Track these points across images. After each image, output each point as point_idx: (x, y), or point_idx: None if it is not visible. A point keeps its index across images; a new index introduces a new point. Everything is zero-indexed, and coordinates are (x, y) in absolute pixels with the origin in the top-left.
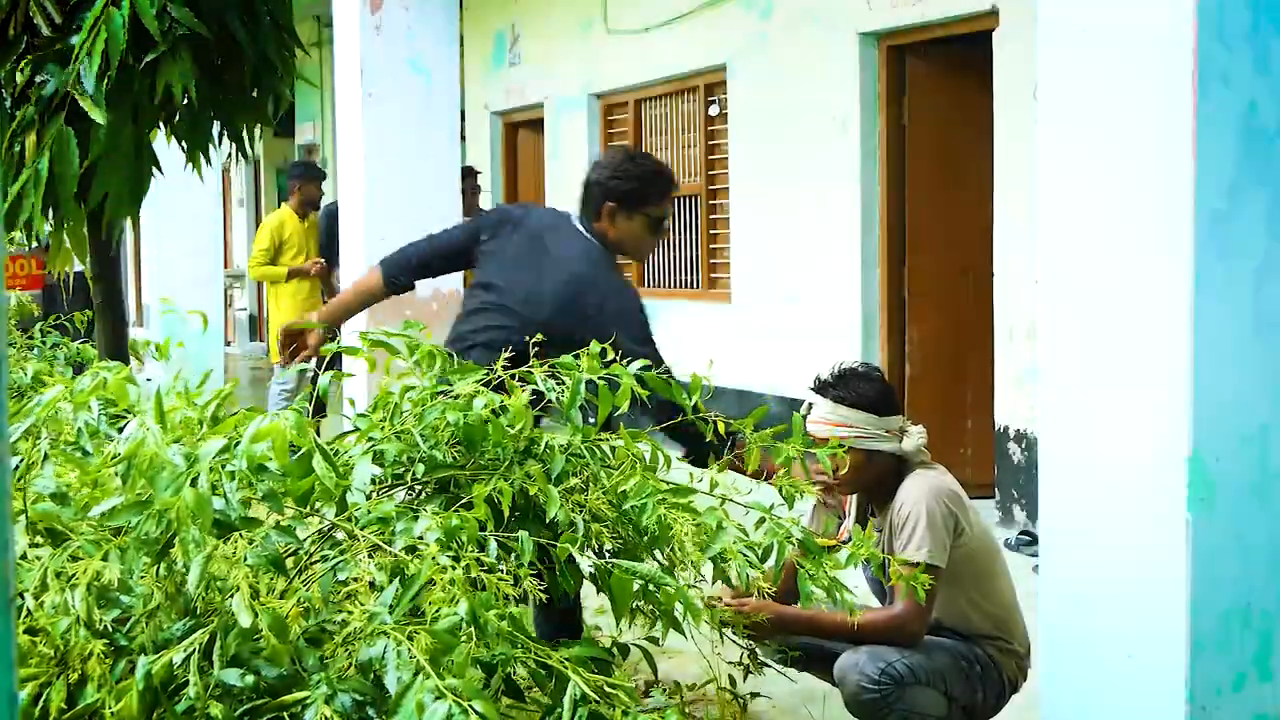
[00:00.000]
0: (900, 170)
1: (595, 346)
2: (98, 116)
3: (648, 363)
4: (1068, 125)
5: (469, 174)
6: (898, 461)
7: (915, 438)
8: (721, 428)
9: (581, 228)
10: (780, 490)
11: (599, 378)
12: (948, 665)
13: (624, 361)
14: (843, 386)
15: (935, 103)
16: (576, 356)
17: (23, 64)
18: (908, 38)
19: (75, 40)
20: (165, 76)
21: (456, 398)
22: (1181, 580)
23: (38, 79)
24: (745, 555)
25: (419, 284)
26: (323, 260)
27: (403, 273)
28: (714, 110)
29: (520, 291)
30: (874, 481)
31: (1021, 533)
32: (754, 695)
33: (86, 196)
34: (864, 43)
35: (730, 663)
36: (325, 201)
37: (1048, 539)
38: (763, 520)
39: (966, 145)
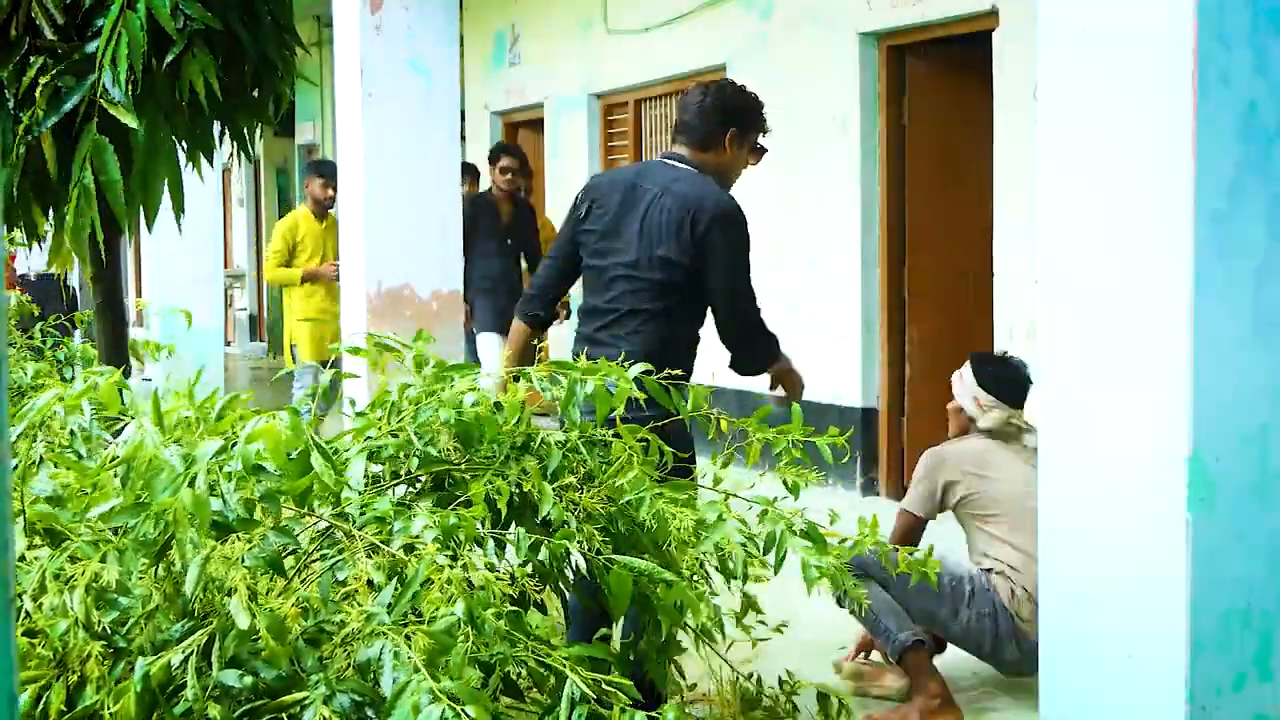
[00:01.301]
0: (900, 170)
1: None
2: (131, 122)
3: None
4: (1068, 125)
5: (528, 171)
6: (970, 424)
7: (989, 418)
8: (725, 425)
9: (675, 163)
10: (784, 481)
11: (595, 382)
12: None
13: (730, 305)
14: (982, 362)
15: (935, 103)
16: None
17: (30, 67)
18: (908, 38)
19: (92, 48)
20: (188, 75)
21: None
22: (1181, 580)
23: (48, 81)
24: (745, 546)
25: (419, 284)
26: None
27: (540, 307)
28: None
29: (646, 243)
30: (957, 432)
31: None
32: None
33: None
34: (864, 43)
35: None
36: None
37: (1048, 539)
38: (765, 512)
39: (966, 145)
